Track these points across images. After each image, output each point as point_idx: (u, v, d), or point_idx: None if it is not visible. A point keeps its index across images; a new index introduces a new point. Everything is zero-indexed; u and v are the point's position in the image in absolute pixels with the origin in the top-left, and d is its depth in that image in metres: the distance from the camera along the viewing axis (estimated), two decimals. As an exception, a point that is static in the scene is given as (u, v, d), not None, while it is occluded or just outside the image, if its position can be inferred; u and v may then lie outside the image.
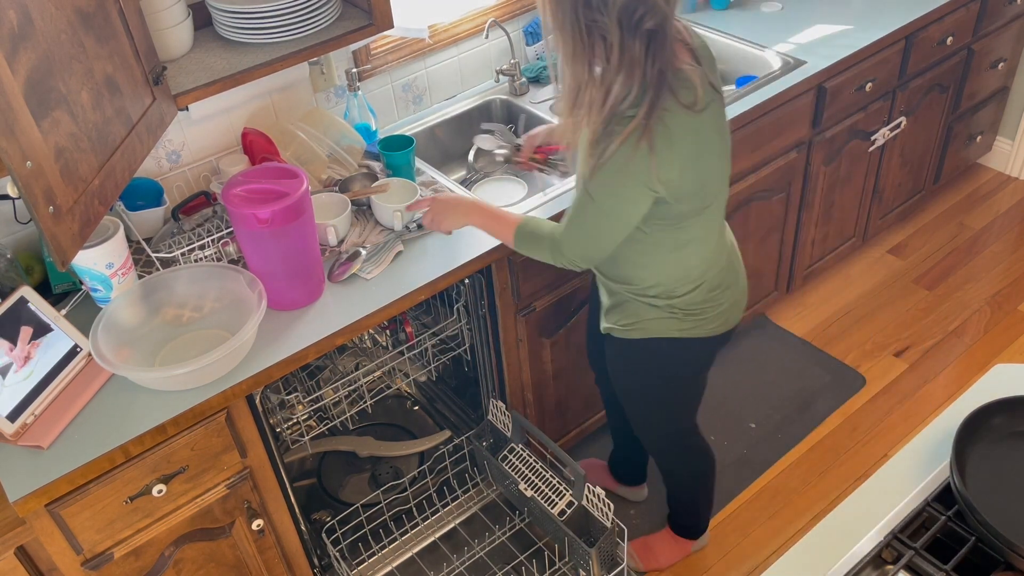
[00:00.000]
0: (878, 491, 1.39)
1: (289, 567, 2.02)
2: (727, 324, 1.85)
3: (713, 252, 1.76)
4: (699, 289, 1.76)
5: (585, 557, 1.90)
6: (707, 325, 1.81)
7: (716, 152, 1.64)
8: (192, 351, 1.75)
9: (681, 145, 1.53)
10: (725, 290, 1.80)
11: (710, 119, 1.59)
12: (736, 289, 1.84)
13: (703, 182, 1.62)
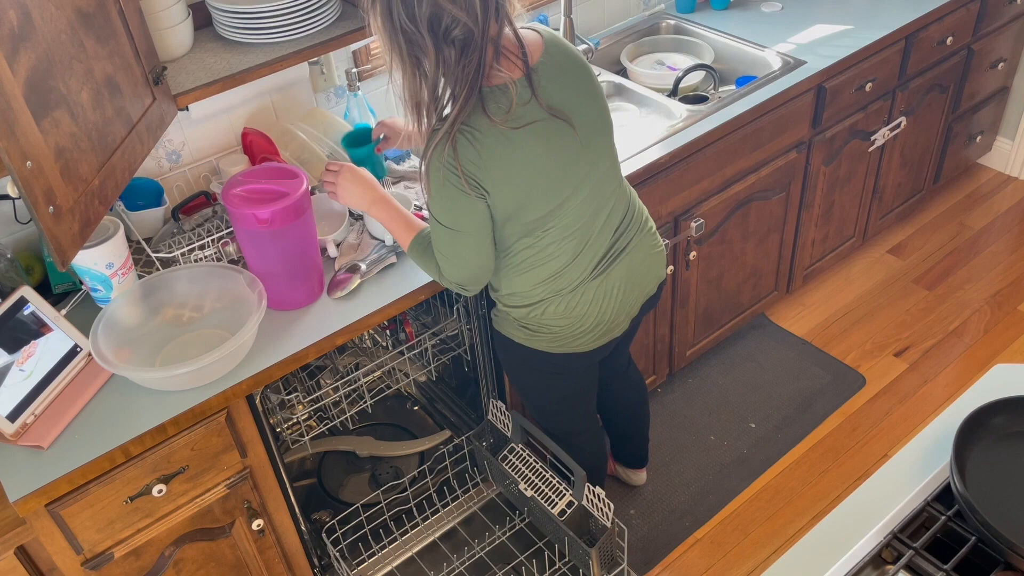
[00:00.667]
0: (878, 491, 1.39)
1: (289, 567, 2.02)
2: (573, 347, 1.80)
3: (556, 280, 1.72)
4: (533, 308, 1.75)
5: (585, 557, 1.90)
6: (545, 342, 1.80)
7: (541, 176, 1.59)
8: (192, 351, 1.75)
9: (488, 159, 1.53)
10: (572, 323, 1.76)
11: (532, 139, 1.55)
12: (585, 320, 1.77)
13: (522, 203, 1.60)
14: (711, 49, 2.70)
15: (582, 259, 1.72)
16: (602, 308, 1.78)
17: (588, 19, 2.73)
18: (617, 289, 1.78)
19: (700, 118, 2.33)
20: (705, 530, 2.45)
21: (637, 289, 1.83)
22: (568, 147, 1.61)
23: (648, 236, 1.84)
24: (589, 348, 1.82)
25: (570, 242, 1.69)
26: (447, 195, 1.56)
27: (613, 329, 1.83)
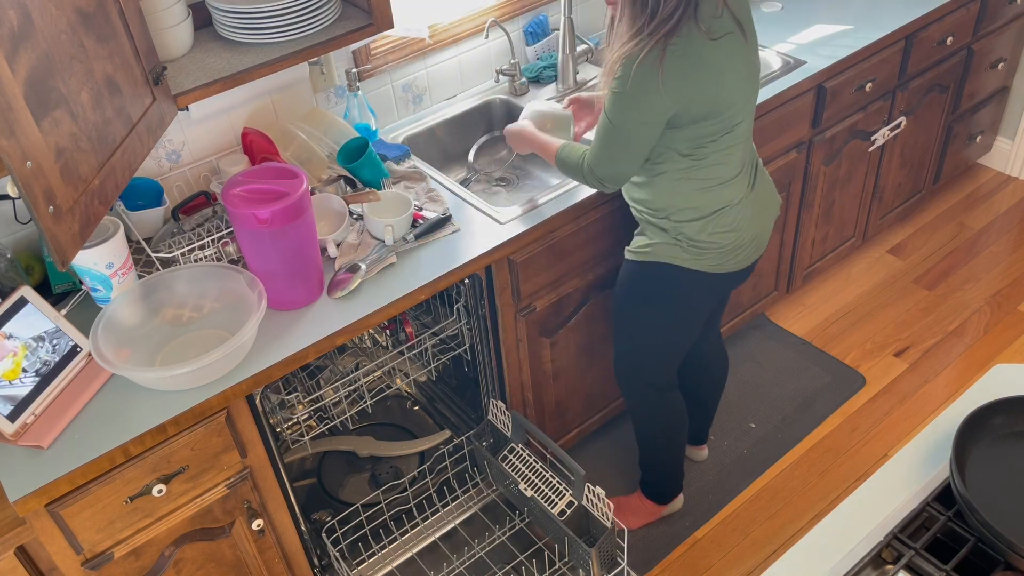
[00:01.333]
0: (878, 491, 1.39)
1: (289, 567, 2.02)
2: (728, 266, 1.92)
3: (724, 190, 1.84)
4: (703, 221, 1.85)
5: (585, 557, 1.90)
6: (707, 260, 1.89)
7: (729, 80, 1.72)
8: (192, 351, 1.75)
9: (690, 70, 1.66)
10: (732, 231, 1.88)
11: (725, 48, 1.70)
12: (744, 234, 1.90)
13: (714, 106, 1.72)
14: (711, 49, 2.69)
15: (745, 171, 1.88)
16: (756, 221, 1.92)
17: (588, 19, 2.73)
18: (764, 203, 1.95)
19: (700, 118, 2.33)
20: (705, 530, 2.45)
21: (772, 207, 1.99)
22: (747, 59, 1.77)
23: (763, 167, 2.00)
24: (744, 265, 1.96)
25: (739, 152, 1.84)
26: (634, 101, 1.68)
27: (760, 246, 1.97)
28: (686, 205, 1.85)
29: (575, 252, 2.16)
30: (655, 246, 1.92)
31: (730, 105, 1.75)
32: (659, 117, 1.71)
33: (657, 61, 1.63)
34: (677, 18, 1.62)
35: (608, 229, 2.19)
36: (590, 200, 2.09)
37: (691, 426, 2.52)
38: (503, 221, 2.03)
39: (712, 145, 1.78)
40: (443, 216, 2.03)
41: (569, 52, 2.48)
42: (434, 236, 2.00)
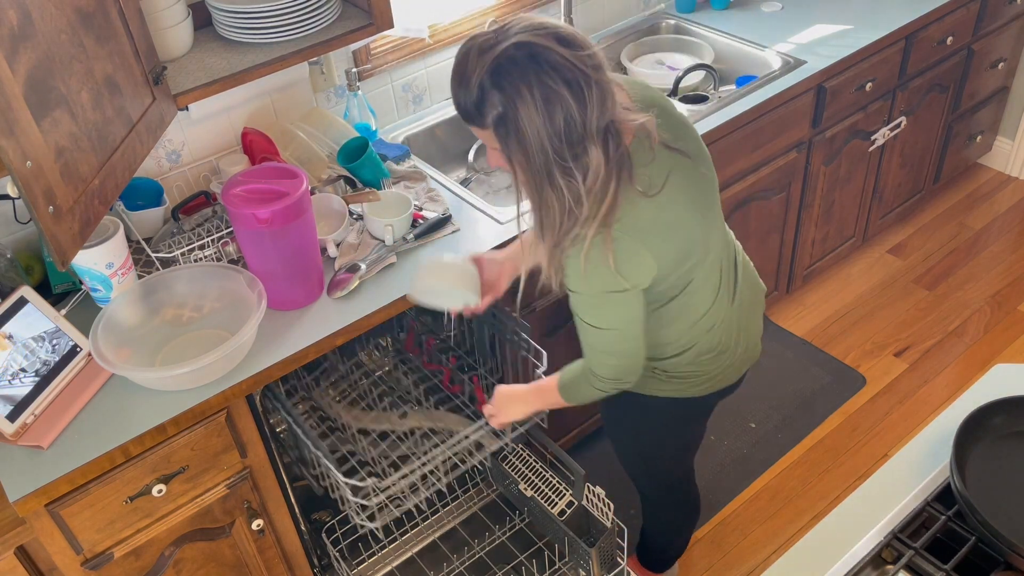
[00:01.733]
0: (878, 491, 1.39)
1: (289, 567, 2.02)
2: (720, 384, 1.75)
3: (705, 318, 1.63)
4: (686, 354, 1.66)
5: (585, 557, 1.90)
6: (695, 388, 1.73)
7: (692, 225, 1.50)
8: (192, 351, 1.75)
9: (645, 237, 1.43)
10: (719, 355, 1.69)
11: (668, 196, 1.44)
12: (733, 353, 1.72)
13: (680, 258, 1.51)
14: (711, 49, 2.70)
15: (723, 290, 1.65)
16: (746, 328, 1.73)
17: (588, 19, 2.73)
18: (748, 308, 1.74)
19: (700, 118, 2.33)
20: (705, 530, 2.45)
21: (757, 302, 1.79)
22: (698, 184, 1.52)
23: (746, 265, 1.79)
24: (736, 378, 1.77)
25: (713, 278, 1.61)
26: (607, 299, 1.46)
27: (753, 354, 1.78)
28: (667, 344, 1.65)
29: (575, 252, 2.16)
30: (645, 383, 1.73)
31: (689, 254, 1.51)
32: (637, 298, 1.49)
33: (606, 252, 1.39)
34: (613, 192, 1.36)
35: (608, 229, 2.18)
36: (590, 200, 2.09)
37: None
38: (503, 221, 2.03)
39: (679, 296, 1.57)
40: (443, 216, 2.03)
41: (569, 52, 2.48)
42: (434, 236, 2.00)
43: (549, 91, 1.28)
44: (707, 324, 1.64)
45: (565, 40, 1.30)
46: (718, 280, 1.63)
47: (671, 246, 1.48)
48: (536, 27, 1.31)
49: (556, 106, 1.28)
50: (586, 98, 1.29)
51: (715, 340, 1.67)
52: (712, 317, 1.64)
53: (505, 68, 1.29)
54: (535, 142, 1.31)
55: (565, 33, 1.32)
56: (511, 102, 1.29)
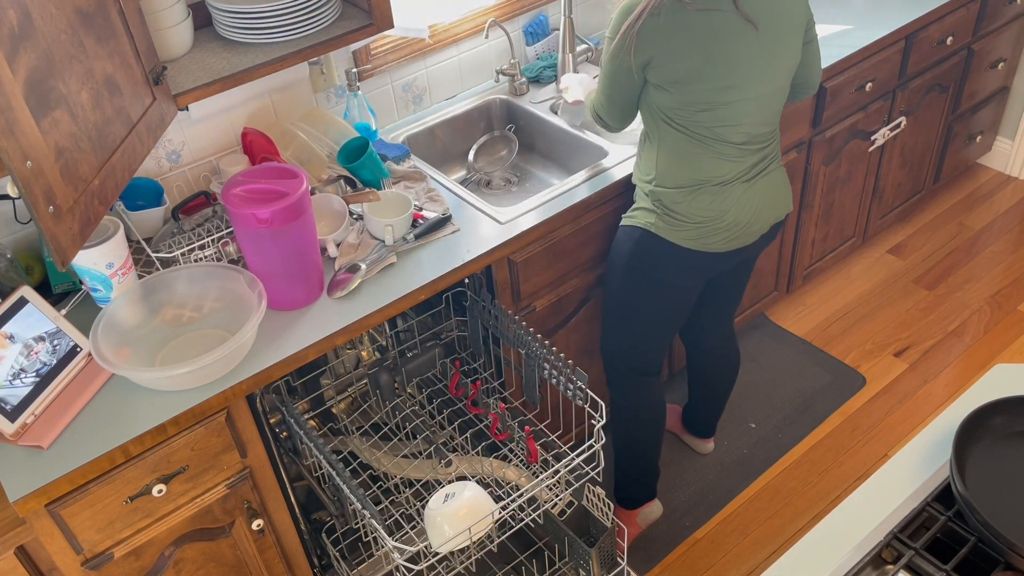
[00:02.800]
0: (878, 491, 1.39)
1: (289, 567, 2.02)
2: (704, 244, 1.92)
3: (712, 166, 1.86)
4: (681, 191, 1.88)
5: (585, 557, 1.90)
6: (681, 232, 1.91)
7: (706, 57, 1.74)
8: (192, 351, 1.75)
9: (663, 33, 1.71)
10: (708, 210, 1.89)
11: (712, 24, 1.72)
12: (725, 217, 1.90)
13: (693, 75, 1.75)
14: (711, 49, 2.69)
15: (738, 160, 1.87)
16: (743, 210, 1.91)
17: (588, 19, 2.73)
18: (758, 199, 1.93)
19: (700, 118, 2.33)
20: (705, 530, 2.45)
21: (770, 208, 1.97)
22: (745, 48, 1.75)
23: (782, 171, 2.00)
24: (722, 249, 1.95)
25: (735, 135, 1.84)
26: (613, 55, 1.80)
27: (744, 236, 1.95)
28: (668, 172, 1.89)
29: (575, 252, 2.16)
30: (638, 211, 1.97)
31: (705, 78, 1.76)
32: (630, 66, 1.78)
33: (637, 13, 1.72)
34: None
35: (608, 229, 2.19)
36: (590, 200, 2.10)
37: (698, 417, 2.56)
38: (503, 221, 2.03)
39: (702, 116, 1.80)
40: (443, 216, 2.03)
41: (569, 52, 2.48)
42: (434, 236, 2.00)
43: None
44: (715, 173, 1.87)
45: None
46: (743, 147, 1.87)
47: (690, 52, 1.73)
48: None
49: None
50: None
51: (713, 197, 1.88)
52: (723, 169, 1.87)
53: None
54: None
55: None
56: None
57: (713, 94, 1.78)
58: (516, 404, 2.14)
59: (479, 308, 2.02)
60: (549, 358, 1.84)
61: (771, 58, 1.80)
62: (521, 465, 1.99)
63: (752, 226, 1.95)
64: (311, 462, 1.91)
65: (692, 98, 1.78)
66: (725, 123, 1.82)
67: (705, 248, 1.93)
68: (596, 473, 1.82)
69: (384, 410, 2.14)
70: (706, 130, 1.82)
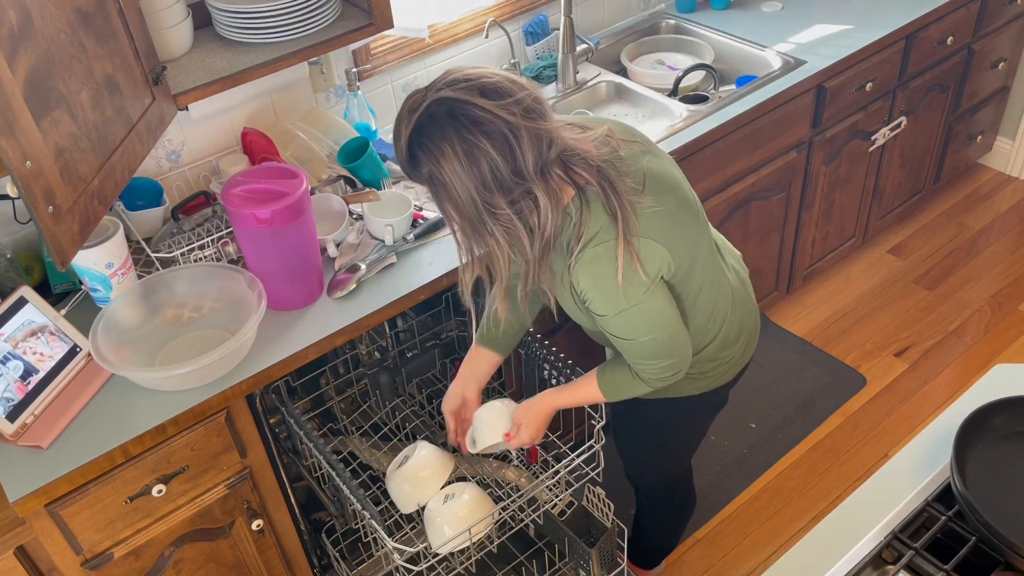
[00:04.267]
0: (878, 491, 1.39)
1: (289, 567, 2.02)
2: (737, 368, 1.76)
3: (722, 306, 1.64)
4: (711, 346, 1.66)
5: (585, 557, 1.90)
6: (721, 377, 1.73)
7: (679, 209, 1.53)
8: (192, 351, 1.75)
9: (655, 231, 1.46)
10: (738, 335, 1.70)
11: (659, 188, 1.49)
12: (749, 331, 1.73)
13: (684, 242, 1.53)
14: (711, 49, 2.70)
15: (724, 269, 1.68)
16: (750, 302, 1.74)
17: (588, 19, 2.73)
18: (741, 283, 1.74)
19: (700, 118, 2.33)
20: (705, 530, 2.45)
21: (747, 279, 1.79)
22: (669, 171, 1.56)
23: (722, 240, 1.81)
24: (748, 358, 1.77)
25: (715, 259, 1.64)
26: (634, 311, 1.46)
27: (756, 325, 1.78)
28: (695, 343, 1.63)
29: (575, 252, 2.16)
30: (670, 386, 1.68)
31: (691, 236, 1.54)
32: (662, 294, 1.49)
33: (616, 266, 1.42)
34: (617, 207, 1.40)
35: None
36: (590, 200, 2.09)
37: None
38: (503, 221, 2.02)
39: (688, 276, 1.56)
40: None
41: (569, 52, 2.48)
42: (434, 236, 2.00)
43: (469, 145, 1.31)
44: (724, 307, 1.64)
45: (488, 91, 1.33)
46: (719, 260, 1.67)
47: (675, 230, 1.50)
48: (461, 80, 1.34)
49: (478, 161, 1.32)
50: (514, 146, 1.32)
51: (735, 323, 1.67)
52: (727, 298, 1.65)
53: (427, 127, 1.33)
54: (463, 194, 1.34)
55: (490, 84, 1.34)
56: (435, 160, 1.33)
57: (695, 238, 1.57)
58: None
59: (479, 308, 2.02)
60: (549, 358, 1.83)
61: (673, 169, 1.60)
62: (521, 465, 1.99)
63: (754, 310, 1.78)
64: (311, 462, 1.92)
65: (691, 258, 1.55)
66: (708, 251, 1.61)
67: (745, 361, 1.77)
68: (596, 473, 1.82)
69: (384, 410, 2.14)
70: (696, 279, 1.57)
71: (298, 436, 1.84)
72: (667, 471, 2.04)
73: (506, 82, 1.35)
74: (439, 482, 1.73)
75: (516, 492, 1.84)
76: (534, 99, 1.36)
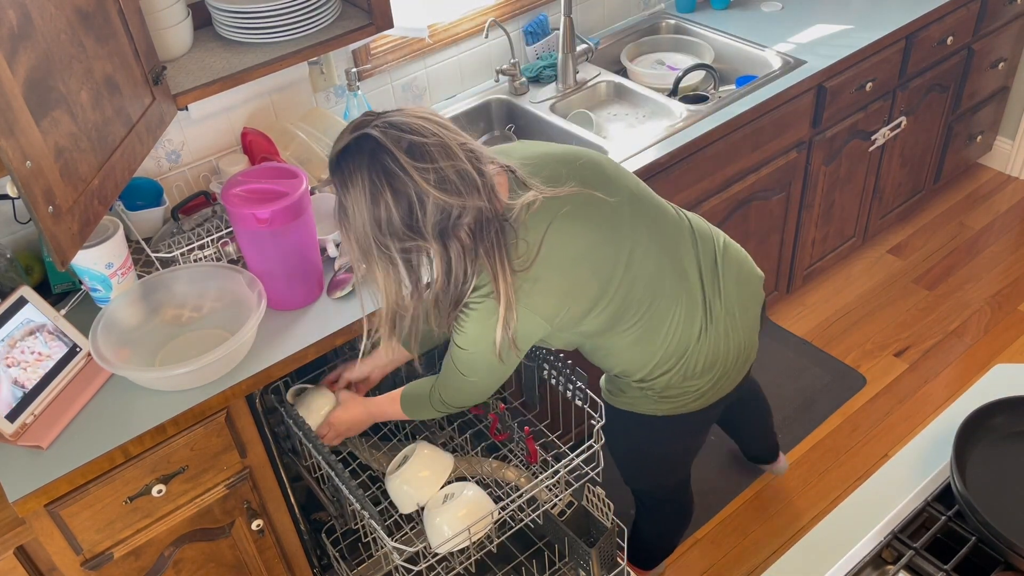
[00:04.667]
0: (878, 491, 1.39)
1: (289, 567, 2.02)
2: (717, 395, 1.74)
3: (684, 338, 1.63)
4: (672, 373, 1.66)
5: (585, 557, 1.90)
6: (692, 403, 1.73)
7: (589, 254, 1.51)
8: (192, 351, 1.75)
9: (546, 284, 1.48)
10: (709, 368, 1.68)
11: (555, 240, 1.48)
12: (724, 362, 1.70)
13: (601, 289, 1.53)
14: (711, 49, 2.70)
15: (698, 300, 1.64)
16: (737, 331, 1.70)
17: (588, 19, 2.73)
18: (737, 307, 1.70)
19: (700, 118, 2.33)
20: (705, 530, 2.45)
21: (752, 297, 1.76)
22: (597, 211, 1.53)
23: (733, 245, 1.77)
24: (732, 387, 1.76)
25: (679, 290, 1.61)
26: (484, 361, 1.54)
27: (747, 351, 1.76)
28: (645, 365, 1.65)
29: (575, 252, 2.16)
30: (632, 399, 1.75)
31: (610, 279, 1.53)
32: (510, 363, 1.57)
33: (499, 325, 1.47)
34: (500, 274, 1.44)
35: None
36: (590, 200, 2.09)
37: (757, 449, 2.47)
38: (503, 221, 2.02)
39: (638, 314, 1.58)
40: (443, 216, 2.02)
41: (569, 52, 2.48)
42: (434, 236, 1.99)
43: (376, 189, 1.38)
44: (689, 342, 1.64)
45: (415, 150, 1.37)
46: (687, 292, 1.63)
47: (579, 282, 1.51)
48: (400, 126, 1.38)
49: (379, 205, 1.38)
50: (415, 209, 1.38)
51: (701, 355, 1.66)
52: (691, 330, 1.64)
53: (351, 153, 1.39)
54: (358, 224, 1.41)
55: (418, 144, 1.37)
56: (344, 184, 1.41)
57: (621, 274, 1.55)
58: (516, 404, 2.13)
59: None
60: (549, 358, 1.83)
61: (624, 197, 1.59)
62: (521, 465, 1.99)
63: (750, 339, 1.76)
64: (311, 462, 1.91)
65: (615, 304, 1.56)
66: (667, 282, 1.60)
67: (721, 395, 1.75)
68: (596, 473, 1.82)
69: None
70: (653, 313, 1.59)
71: (298, 436, 1.84)
72: (655, 481, 2.05)
73: (437, 148, 1.38)
74: (439, 482, 1.74)
75: (516, 492, 1.84)
76: (457, 172, 1.39)
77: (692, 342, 1.64)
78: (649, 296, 1.59)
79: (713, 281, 1.67)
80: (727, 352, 1.70)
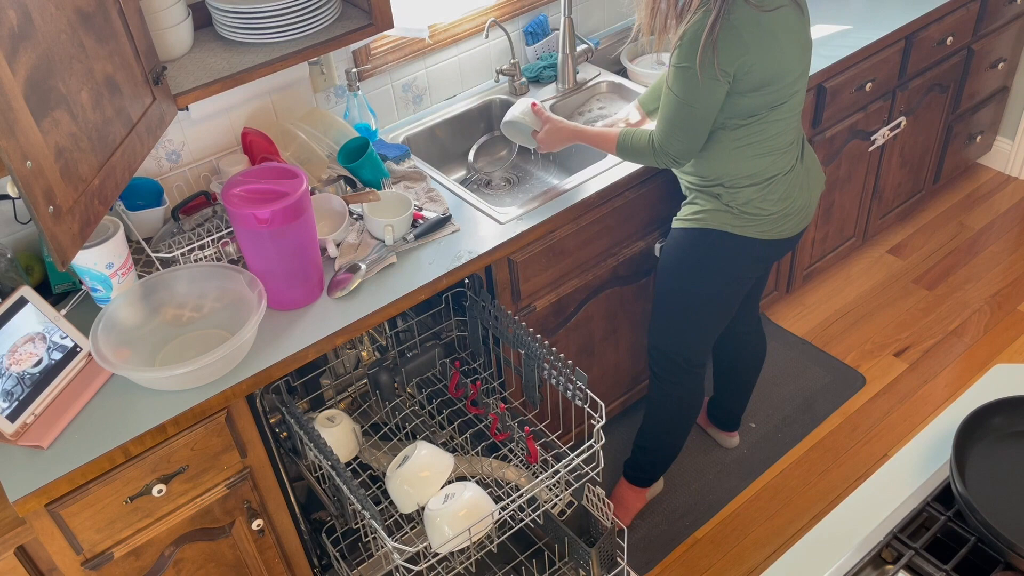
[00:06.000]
0: (878, 491, 1.39)
1: (289, 567, 2.02)
2: (776, 233, 1.98)
3: (778, 158, 1.91)
4: (756, 187, 1.92)
5: (585, 557, 1.90)
6: (757, 227, 1.95)
7: (784, 52, 1.79)
8: (192, 351, 1.75)
9: (746, 39, 1.73)
10: (781, 200, 1.94)
11: (780, 20, 1.77)
12: (794, 203, 1.97)
13: (772, 74, 1.79)
14: (711, 49, 2.69)
15: (796, 142, 1.95)
16: (804, 191, 1.99)
17: (588, 19, 2.73)
18: (812, 175, 2.03)
19: (700, 118, 2.33)
20: (705, 530, 2.45)
21: (819, 181, 2.06)
22: (802, 33, 1.84)
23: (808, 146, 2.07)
24: (791, 233, 2.01)
25: (793, 122, 1.91)
26: (693, 74, 1.75)
27: (807, 215, 2.03)
28: (741, 172, 1.91)
29: (575, 252, 2.16)
30: (707, 213, 1.97)
31: (787, 72, 1.82)
32: (720, 87, 1.77)
33: (713, 32, 1.71)
34: None
35: (608, 229, 2.19)
36: (590, 200, 2.10)
37: (724, 410, 2.59)
38: (503, 221, 2.03)
39: (770, 114, 1.85)
40: (443, 216, 2.03)
41: (569, 52, 2.48)
42: (434, 236, 2.00)
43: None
44: (781, 164, 1.92)
45: None
46: (796, 130, 1.94)
47: (769, 53, 1.76)
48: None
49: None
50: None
51: (783, 186, 1.94)
52: (786, 159, 1.93)
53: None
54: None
55: None
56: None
57: (789, 87, 1.84)
58: (516, 404, 2.14)
59: (479, 308, 2.02)
60: (549, 358, 1.83)
61: (809, 40, 1.89)
62: (521, 465, 1.99)
63: (811, 206, 2.03)
64: (311, 462, 1.92)
65: (774, 96, 1.83)
66: (793, 113, 1.89)
67: (779, 236, 1.99)
68: (596, 473, 1.82)
69: (384, 410, 2.14)
70: (774, 124, 1.86)
71: (298, 436, 1.84)
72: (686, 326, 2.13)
73: None
74: (439, 482, 1.74)
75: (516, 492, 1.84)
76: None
77: (782, 173, 1.93)
78: (788, 115, 1.88)
79: (803, 150, 2.01)
80: (797, 198, 1.98)
